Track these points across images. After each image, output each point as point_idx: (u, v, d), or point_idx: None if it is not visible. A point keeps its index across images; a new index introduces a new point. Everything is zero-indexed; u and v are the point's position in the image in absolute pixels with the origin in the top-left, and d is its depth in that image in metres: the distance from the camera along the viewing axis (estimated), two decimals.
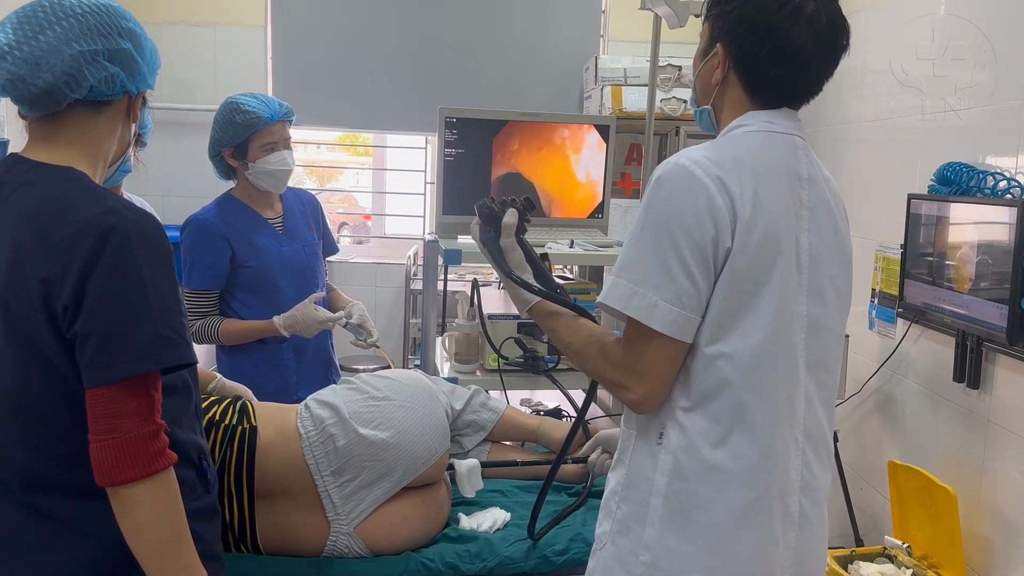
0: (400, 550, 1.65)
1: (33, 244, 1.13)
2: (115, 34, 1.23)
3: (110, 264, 1.12)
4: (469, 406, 2.02)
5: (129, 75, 1.24)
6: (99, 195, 1.17)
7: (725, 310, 1.21)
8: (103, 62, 1.21)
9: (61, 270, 1.11)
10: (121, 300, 1.12)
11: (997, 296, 2.16)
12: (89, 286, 1.11)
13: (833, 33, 1.27)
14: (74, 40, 1.19)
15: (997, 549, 2.27)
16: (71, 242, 1.12)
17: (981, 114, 2.39)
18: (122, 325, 1.12)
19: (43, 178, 1.19)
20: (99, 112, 1.25)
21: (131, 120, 1.30)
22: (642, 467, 1.28)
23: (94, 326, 1.11)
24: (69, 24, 1.20)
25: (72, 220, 1.13)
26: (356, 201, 5.40)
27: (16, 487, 1.17)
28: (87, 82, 1.20)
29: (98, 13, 1.23)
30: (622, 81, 3.58)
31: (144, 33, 1.30)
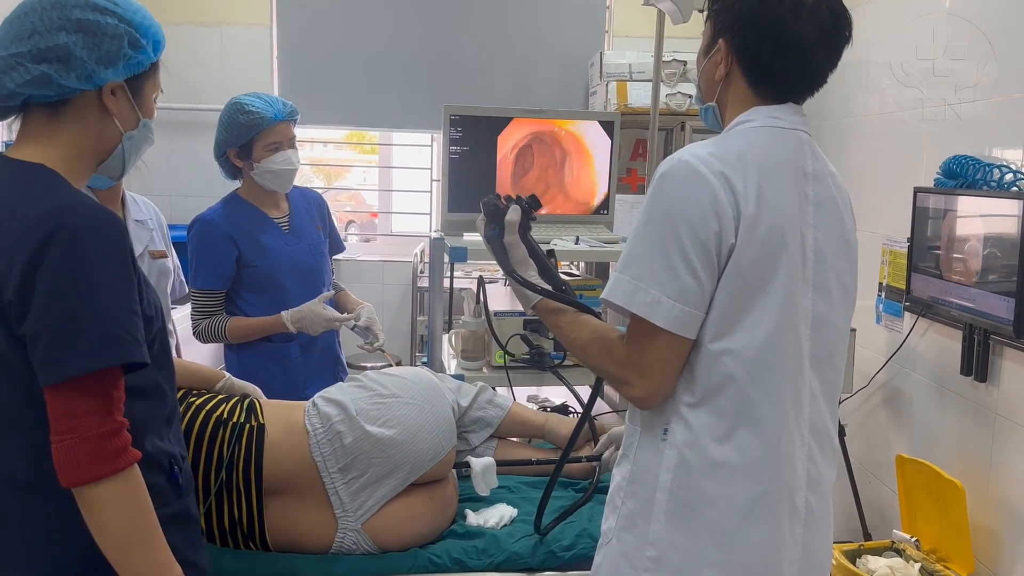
0: (407, 546, 1.66)
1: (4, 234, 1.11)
2: (55, 30, 1.17)
3: (58, 261, 1.10)
4: (476, 403, 2.03)
5: (66, 72, 1.17)
6: (57, 191, 1.15)
7: (730, 306, 1.21)
8: (27, 64, 1.16)
9: (8, 265, 1.10)
10: (70, 297, 1.10)
11: (1004, 289, 2.15)
12: (37, 282, 1.09)
13: (835, 24, 1.27)
14: (3, 46, 1.17)
15: (1005, 542, 2.27)
16: (19, 236, 1.10)
17: (987, 107, 2.38)
18: (72, 322, 1.09)
19: (8, 175, 1.18)
20: (59, 112, 1.21)
21: (109, 115, 1.23)
22: (647, 463, 1.28)
23: (44, 324, 1.09)
24: (9, 27, 1.18)
25: (23, 214, 1.11)
26: (363, 199, 5.42)
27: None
28: (7, 88, 1.17)
29: (43, 9, 1.18)
30: (627, 77, 3.57)
31: (111, 19, 1.21)
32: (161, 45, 1.29)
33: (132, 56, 1.23)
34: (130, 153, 1.30)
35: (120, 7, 1.22)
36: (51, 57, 1.17)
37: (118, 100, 1.24)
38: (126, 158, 1.30)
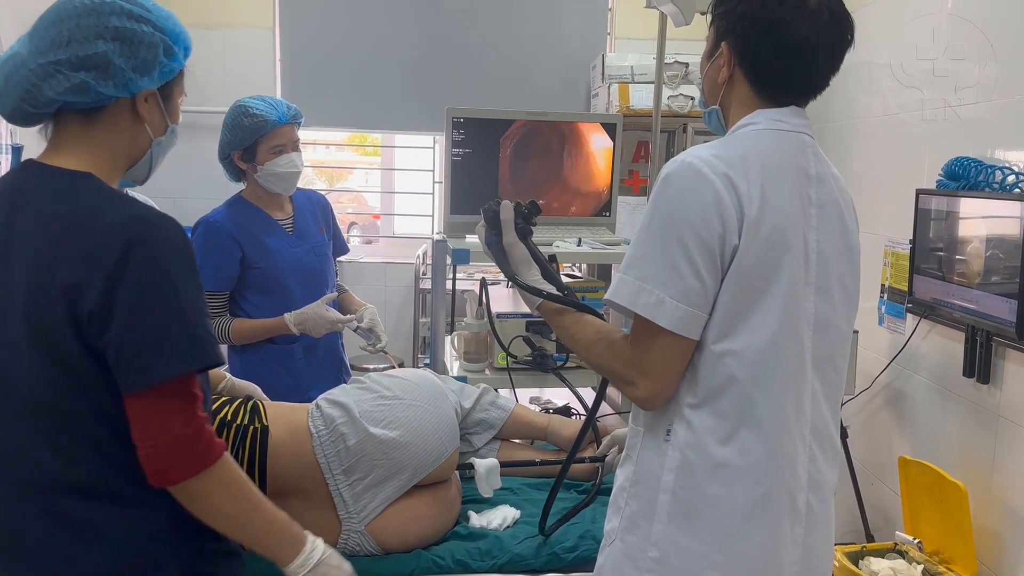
0: (411, 548, 1.67)
1: (57, 251, 1.15)
2: (92, 38, 1.18)
3: (140, 270, 1.14)
4: (478, 404, 2.03)
5: (103, 79, 1.19)
6: (122, 201, 1.19)
7: (733, 307, 1.22)
8: (66, 72, 1.17)
9: (87, 277, 1.13)
10: (156, 305, 1.14)
11: (1007, 291, 2.15)
12: (120, 293, 1.13)
13: (837, 26, 1.27)
14: (40, 53, 1.18)
15: (1008, 544, 2.27)
16: (96, 248, 1.13)
17: (989, 108, 2.39)
18: (160, 329, 1.14)
19: (60, 184, 1.20)
20: (93, 119, 1.22)
21: (141, 121, 1.26)
22: (650, 464, 1.28)
23: (131, 332, 1.13)
24: (46, 33, 1.19)
25: (98, 226, 1.14)
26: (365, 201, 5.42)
27: (40, 490, 1.18)
28: (45, 96, 1.19)
29: (80, 16, 1.19)
30: (629, 79, 3.58)
31: (147, 27, 1.22)
32: (190, 51, 1.31)
33: (166, 64, 1.25)
34: (157, 158, 1.33)
35: (153, 14, 1.24)
36: (90, 65, 1.18)
37: (150, 107, 1.26)
38: (153, 163, 1.33)
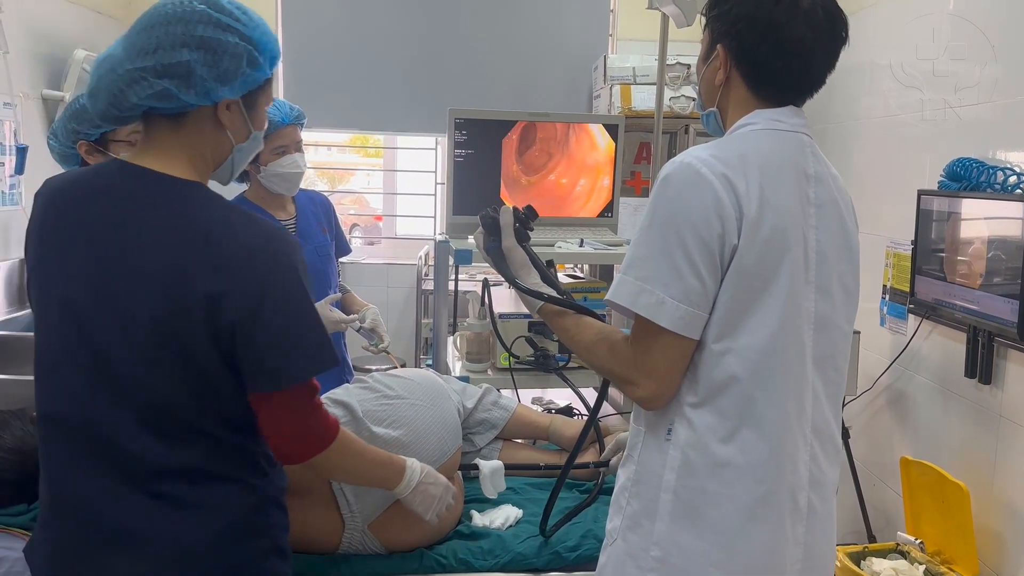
0: (413, 547, 1.67)
1: (195, 261, 1.20)
2: (178, 46, 1.21)
3: (283, 284, 1.23)
4: (481, 404, 2.04)
5: (185, 87, 1.22)
6: (249, 215, 1.27)
7: (733, 307, 1.22)
8: (150, 79, 1.21)
9: (231, 287, 1.20)
10: (294, 316, 1.24)
11: (1008, 291, 2.16)
12: (265, 304, 1.21)
13: (831, 26, 1.28)
14: (130, 59, 1.22)
15: (1010, 544, 2.27)
16: (242, 263, 1.21)
17: (990, 109, 2.39)
18: (297, 338, 1.24)
19: (176, 193, 1.25)
20: (179, 123, 1.26)
21: (223, 127, 1.28)
22: (651, 463, 1.29)
23: (272, 340, 1.22)
24: (137, 39, 1.22)
25: (237, 240, 1.22)
26: (367, 202, 5.43)
27: (144, 477, 1.23)
28: (130, 102, 1.23)
29: (168, 24, 1.21)
30: (631, 80, 3.59)
31: (233, 37, 1.23)
32: (277, 60, 1.33)
33: (249, 74, 1.27)
34: (239, 162, 1.36)
35: (242, 23, 1.25)
36: (173, 73, 1.21)
37: (232, 114, 1.29)
38: (235, 167, 1.36)
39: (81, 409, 1.23)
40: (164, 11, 1.22)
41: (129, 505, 1.22)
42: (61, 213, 1.27)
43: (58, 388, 1.25)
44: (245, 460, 1.30)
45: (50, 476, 1.27)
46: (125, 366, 1.21)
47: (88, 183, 1.28)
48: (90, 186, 1.28)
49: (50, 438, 1.27)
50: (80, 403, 1.23)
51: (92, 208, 1.25)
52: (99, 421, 1.22)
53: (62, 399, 1.25)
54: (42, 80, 3.23)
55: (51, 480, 1.27)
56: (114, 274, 1.21)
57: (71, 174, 1.34)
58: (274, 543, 1.34)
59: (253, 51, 1.26)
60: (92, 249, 1.23)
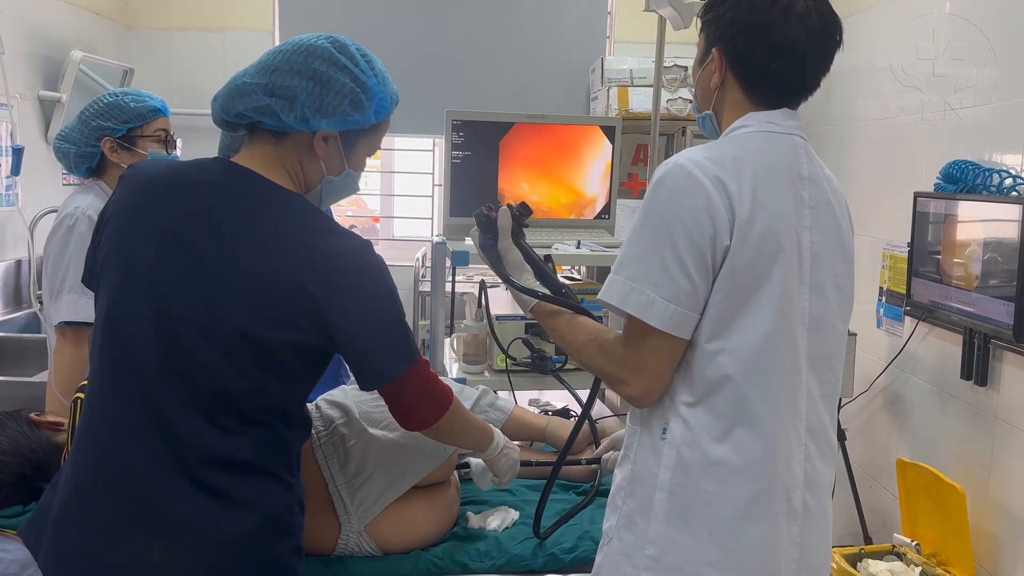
0: (410, 549, 1.67)
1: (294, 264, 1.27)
2: (293, 73, 1.30)
3: (378, 291, 1.32)
4: (477, 406, 2.04)
5: (286, 110, 1.30)
6: (340, 227, 1.36)
7: (726, 307, 1.23)
8: (259, 94, 1.30)
9: (330, 293, 1.27)
10: (388, 319, 1.34)
11: (1004, 294, 2.16)
12: (364, 308, 1.30)
13: (826, 28, 1.29)
14: (252, 74, 1.32)
15: (1006, 546, 2.27)
16: (341, 270, 1.29)
17: (987, 111, 2.40)
18: (392, 339, 1.34)
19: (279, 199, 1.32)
20: (280, 141, 1.34)
21: (317, 158, 1.36)
22: (646, 462, 1.29)
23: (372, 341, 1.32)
24: (265, 59, 1.33)
25: (334, 248, 1.30)
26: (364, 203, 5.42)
27: (196, 464, 1.26)
28: (235, 108, 1.32)
29: (294, 53, 1.32)
30: (628, 82, 3.59)
31: (346, 77, 1.32)
32: (386, 110, 1.40)
33: (349, 114, 1.34)
34: (327, 195, 1.43)
35: (359, 68, 1.34)
36: (279, 94, 1.30)
37: (328, 147, 1.36)
38: (322, 198, 1.43)
39: (148, 393, 1.26)
40: (298, 42, 1.33)
41: (174, 489, 1.25)
42: (159, 199, 1.31)
43: (126, 369, 1.27)
44: (286, 457, 1.35)
45: (99, 454, 1.28)
46: (205, 358, 1.26)
47: (192, 176, 1.34)
48: (194, 179, 1.33)
49: (105, 416, 1.28)
50: (145, 383, 1.26)
51: (195, 200, 1.30)
52: (164, 406, 1.25)
53: (127, 381, 1.27)
54: (38, 81, 3.23)
55: (100, 459, 1.28)
56: (210, 267, 1.26)
57: (169, 164, 1.40)
58: (297, 543, 1.37)
59: (360, 94, 1.34)
60: (191, 239, 1.28)
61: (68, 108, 3.23)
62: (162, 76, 3.94)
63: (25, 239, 3.07)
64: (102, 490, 1.27)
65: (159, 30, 4.03)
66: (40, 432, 1.68)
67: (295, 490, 1.37)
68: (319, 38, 1.34)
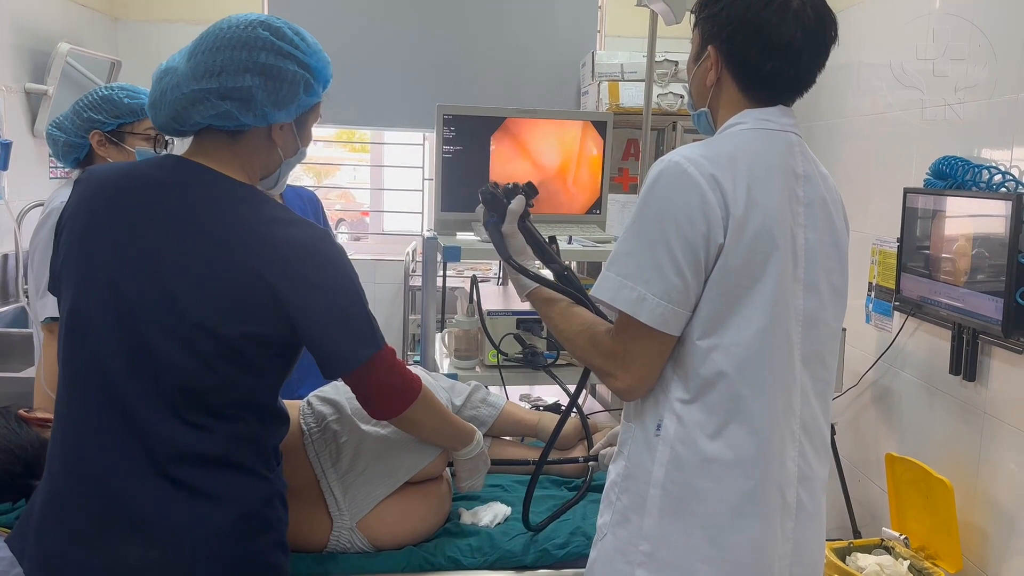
0: (402, 545, 1.67)
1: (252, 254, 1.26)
2: (241, 71, 1.28)
3: (334, 277, 1.32)
4: (469, 401, 2.03)
5: (245, 111, 1.29)
6: (298, 217, 1.35)
7: (720, 304, 1.23)
8: (213, 100, 1.28)
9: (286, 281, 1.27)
10: (347, 303, 1.34)
11: (992, 289, 2.17)
12: (321, 297, 1.30)
13: (821, 26, 1.29)
14: (195, 79, 1.29)
15: (994, 540, 2.29)
16: (297, 259, 1.28)
17: (977, 108, 2.41)
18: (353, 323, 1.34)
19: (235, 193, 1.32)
20: (235, 138, 1.33)
21: (274, 145, 1.37)
22: (641, 459, 1.30)
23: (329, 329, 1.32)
24: (203, 59, 1.29)
25: (291, 238, 1.29)
26: (353, 197, 5.41)
27: (167, 461, 1.25)
28: (192, 120, 1.30)
29: (234, 48, 1.28)
30: (619, 77, 3.59)
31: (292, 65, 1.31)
32: (329, 82, 1.39)
33: (304, 100, 1.35)
34: (285, 173, 1.45)
35: (300, 50, 1.33)
36: (235, 96, 1.29)
37: (284, 134, 1.38)
38: (280, 178, 1.44)
39: (115, 393, 1.25)
40: (230, 35, 1.30)
41: (148, 487, 1.25)
42: (114, 200, 1.31)
43: (93, 370, 1.27)
44: (263, 452, 1.35)
45: (73, 456, 1.28)
46: (169, 353, 1.25)
47: (144, 175, 1.33)
48: (147, 178, 1.32)
49: (76, 418, 1.28)
50: (113, 384, 1.26)
51: (149, 198, 1.30)
52: (132, 405, 1.25)
53: (95, 382, 1.27)
54: (25, 73, 3.20)
55: (74, 460, 1.28)
56: (167, 263, 1.26)
57: (121, 165, 1.39)
58: (279, 538, 1.37)
59: (310, 78, 1.34)
60: (146, 237, 1.27)
61: (55, 101, 3.20)
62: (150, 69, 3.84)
63: (11, 233, 3.04)
64: (78, 494, 1.26)
65: (147, 22, 3.99)
66: (29, 428, 1.67)
67: (273, 484, 1.36)
68: (251, 25, 1.31)
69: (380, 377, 1.38)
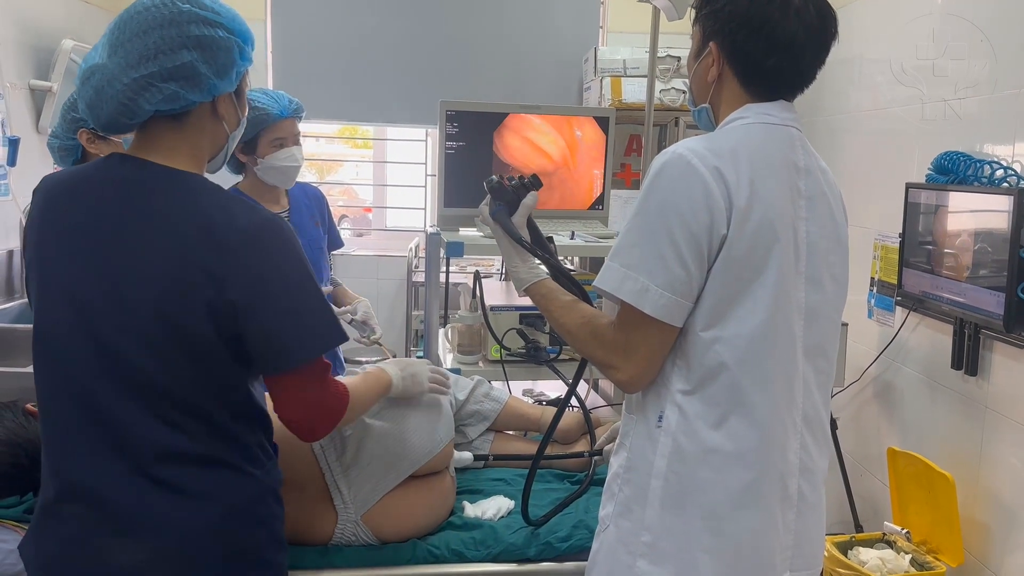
0: (406, 538, 1.68)
1: (195, 246, 1.23)
2: (177, 48, 1.24)
3: (282, 265, 1.27)
4: (472, 396, 2.04)
5: (192, 88, 1.26)
6: (243, 202, 1.29)
7: (723, 296, 1.24)
8: (159, 84, 1.24)
9: (231, 272, 1.23)
10: (297, 295, 1.28)
11: (994, 284, 2.18)
12: (266, 286, 1.25)
13: (822, 21, 1.30)
14: (131, 67, 1.24)
15: (995, 534, 2.30)
16: (241, 246, 1.24)
17: (978, 103, 2.41)
18: (301, 317, 1.28)
19: (177, 183, 1.28)
20: (181, 122, 1.30)
21: (220, 119, 1.34)
22: (642, 450, 1.30)
23: (278, 321, 1.26)
24: (132, 46, 1.24)
25: (235, 225, 1.24)
26: (356, 194, 5.42)
27: (147, 461, 1.25)
28: (142, 109, 1.25)
29: (162, 27, 1.24)
30: (621, 72, 3.59)
31: (221, 31, 1.27)
32: (254, 44, 1.36)
33: (240, 64, 1.32)
34: (230, 150, 1.41)
35: (224, 17, 1.30)
36: (178, 75, 1.25)
37: (227, 105, 1.34)
38: (227, 154, 1.41)
39: (86, 397, 1.25)
40: (153, 15, 1.24)
41: (132, 488, 1.25)
42: (62, 207, 1.30)
43: (62, 377, 1.27)
44: (245, 450, 1.33)
45: (58, 465, 1.28)
46: (130, 352, 1.24)
47: (88, 177, 1.31)
48: (91, 179, 1.30)
49: (55, 427, 1.28)
50: (85, 390, 1.25)
51: (93, 200, 1.28)
52: (104, 408, 1.24)
53: (66, 388, 1.26)
54: (30, 70, 3.21)
55: (58, 469, 1.28)
56: (117, 262, 1.24)
57: (71, 169, 1.36)
58: (272, 533, 1.36)
59: (240, 41, 1.31)
60: (94, 239, 1.26)
61: (59, 98, 3.21)
62: None
63: (17, 229, 3.05)
64: (66, 499, 1.27)
65: None
66: (36, 423, 1.68)
67: (261, 481, 1.34)
68: (169, 1, 1.25)
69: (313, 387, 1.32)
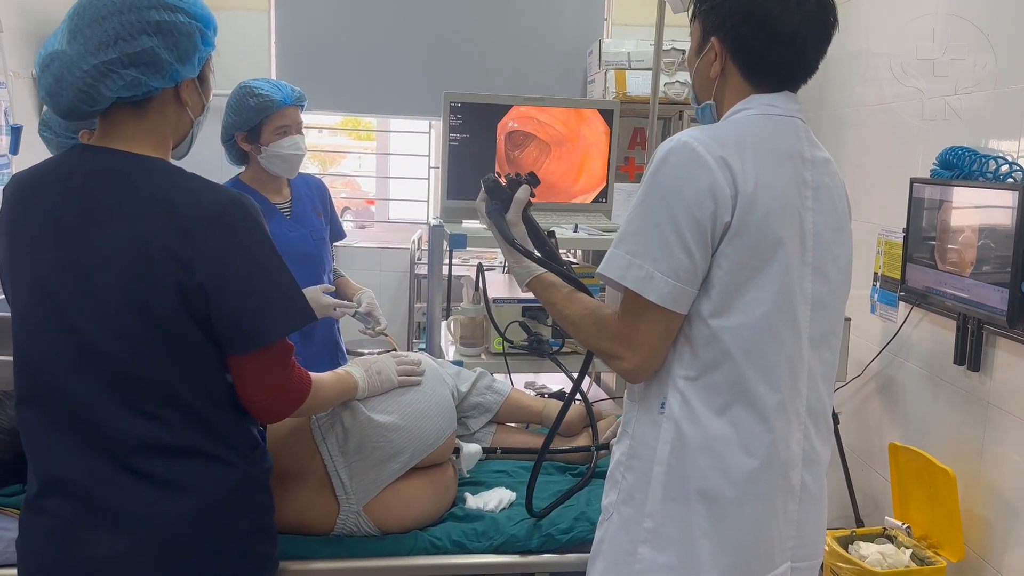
0: (408, 529, 1.68)
1: (159, 229, 1.22)
2: (137, 34, 1.23)
3: (247, 245, 1.27)
4: (475, 388, 2.05)
5: (153, 74, 1.25)
6: (207, 182, 1.28)
7: (728, 284, 1.24)
8: (119, 71, 1.23)
9: (196, 252, 1.22)
10: (263, 275, 1.29)
11: (998, 280, 2.17)
12: (231, 266, 1.25)
13: (823, 13, 1.30)
14: (91, 53, 1.22)
15: (996, 530, 2.30)
16: (204, 226, 1.23)
17: (983, 98, 2.40)
18: (268, 296, 1.29)
19: (138, 167, 1.27)
20: (143, 108, 1.29)
21: (183, 105, 1.33)
22: (645, 437, 1.31)
23: (244, 301, 1.26)
24: (91, 33, 1.23)
25: (199, 205, 1.24)
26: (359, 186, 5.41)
27: (124, 452, 1.25)
28: (102, 96, 1.24)
29: (121, 13, 1.23)
30: (626, 65, 3.58)
31: (183, 16, 1.26)
32: (217, 30, 1.36)
33: (202, 50, 1.32)
34: (195, 136, 1.40)
35: (185, 2, 1.29)
36: (139, 61, 1.24)
37: (190, 91, 1.34)
38: (192, 140, 1.40)
39: (61, 390, 1.25)
40: (112, 1, 1.23)
41: (113, 482, 1.24)
42: (27, 202, 1.29)
43: (37, 371, 1.27)
44: (225, 438, 1.32)
45: (38, 460, 1.29)
46: (100, 342, 1.23)
47: (52, 170, 1.31)
48: (56, 172, 1.30)
49: (34, 422, 1.28)
50: (60, 383, 1.25)
51: (57, 192, 1.27)
52: (80, 400, 1.24)
53: (42, 382, 1.26)
54: (32, 59, 3.20)
55: (39, 464, 1.28)
56: (82, 252, 1.24)
57: (38, 165, 1.35)
58: (258, 523, 1.36)
59: (202, 27, 1.30)
60: (59, 231, 1.25)
61: None
62: None
63: None
64: (48, 493, 1.27)
65: None
66: None
67: (243, 470, 1.34)
68: None
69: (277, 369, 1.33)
